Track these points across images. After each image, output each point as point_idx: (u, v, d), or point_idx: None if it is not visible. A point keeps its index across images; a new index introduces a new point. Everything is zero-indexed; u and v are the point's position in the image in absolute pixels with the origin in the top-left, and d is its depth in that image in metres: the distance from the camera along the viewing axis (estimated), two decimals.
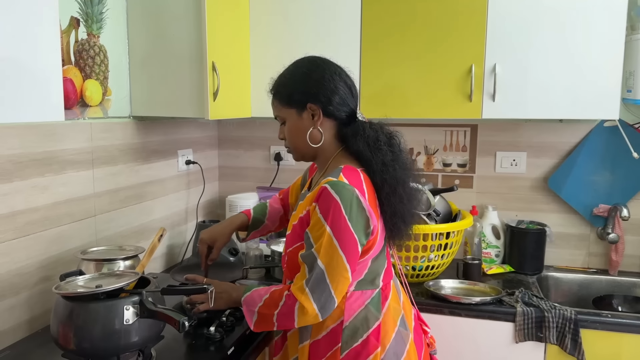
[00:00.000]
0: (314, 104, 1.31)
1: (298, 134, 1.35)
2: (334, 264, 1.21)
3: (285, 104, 1.35)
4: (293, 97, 1.33)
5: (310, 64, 1.36)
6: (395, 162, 1.30)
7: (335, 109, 1.32)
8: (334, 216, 1.20)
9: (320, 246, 1.21)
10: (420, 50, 2.05)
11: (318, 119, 1.32)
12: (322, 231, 1.21)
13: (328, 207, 1.20)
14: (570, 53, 1.93)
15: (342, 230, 1.20)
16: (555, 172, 2.31)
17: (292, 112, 1.34)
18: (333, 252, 1.20)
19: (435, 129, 2.43)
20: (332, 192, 1.20)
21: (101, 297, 1.23)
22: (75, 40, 1.66)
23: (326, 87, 1.30)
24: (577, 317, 1.77)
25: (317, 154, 1.37)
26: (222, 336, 1.45)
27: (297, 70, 1.36)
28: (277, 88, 1.39)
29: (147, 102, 1.94)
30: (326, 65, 1.35)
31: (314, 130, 1.33)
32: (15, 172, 1.46)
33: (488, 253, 2.31)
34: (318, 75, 1.32)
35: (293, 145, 1.39)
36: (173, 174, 2.28)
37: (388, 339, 1.30)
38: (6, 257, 1.45)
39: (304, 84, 1.32)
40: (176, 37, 1.85)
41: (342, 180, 1.23)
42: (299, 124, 1.34)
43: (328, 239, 1.20)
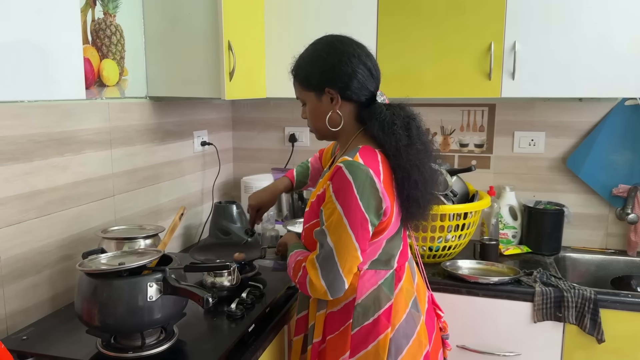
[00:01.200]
0: (332, 89, 1.30)
1: (318, 116, 1.35)
2: (342, 243, 1.21)
3: (305, 87, 1.35)
4: (311, 81, 1.33)
5: (328, 46, 1.33)
6: (410, 146, 1.27)
7: (353, 93, 1.30)
8: (345, 195, 1.21)
9: (331, 224, 1.23)
10: (439, 29, 2.02)
11: (337, 103, 1.31)
12: (332, 209, 1.22)
13: (340, 186, 1.21)
14: (592, 30, 1.89)
15: (352, 209, 1.20)
16: (574, 152, 2.28)
17: (311, 95, 1.34)
18: (342, 231, 1.21)
19: (452, 109, 2.40)
20: (346, 171, 1.21)
21: (124, 274, 1.24)
22: (92, 19, 1.65)
23: (344, 72, 1.29)
24: (597, 297, 1.76)
25: (338, 135, 1.38)
26: (242, 313, 1.45)
27: (315, 53, 1.34)
28: (296, 70, 1.38)
29: (163, 82, 1.93)
30: (345, 47, 1.31)
31: (333, 114, 1.33)
32: (36, 151, 1.47)
33: (505, 234, 2.30)
34: (336, 59, 1.30)
35: (314, 127, 1.40)
36: (189, 155, 2.28)
37: (398, 320, 1.31)
38: (28, 235, 1.46)
39: (322, 69, 1.31)
40: (192, 16, 1.84)
41: (357, 160, 1.22)
42: (318, 107, 1.34)
43: (338, 217, 1.21)
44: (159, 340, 1.29)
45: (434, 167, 1.36)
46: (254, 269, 1.79)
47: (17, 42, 1.37)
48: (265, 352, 1.43)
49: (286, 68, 1.42)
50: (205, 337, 1.38)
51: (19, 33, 1.37)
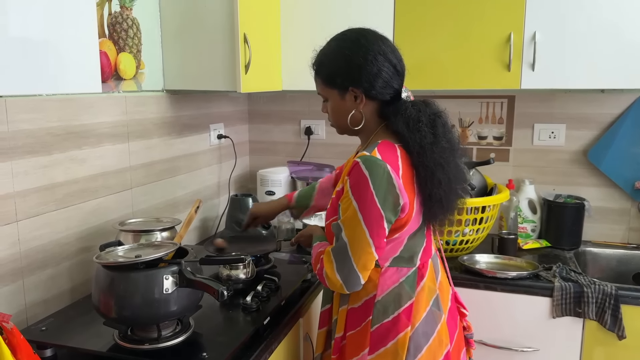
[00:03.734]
0: (357, 88, 1.27)
1: (340, 114, 1.33)
2: (356, 238, 1.20)
3: (327, 84, 1.32)
4: (335, 79, 1.30)
5: (352, 43, 1.28)
6: (435, 144, 1.24)
7: (378, 92, 1.27)
8: (361, 191, 1.19)
9: (346, 219, 1.22)
10: (457, 19, 1.98)
11: (361, 102, 1.28)
12: (348, 204, 1.21)
13: (357, 181, 1.20)
14: (614, 19, 1.84)
15: (367, 205, 1.19)
16: (595, 145, 2.23)
17: (334, 93, 1.31)
18: (356, 226, 1.20)
19: (470, 101, 2.37)
20: (363, 167, 1.19)
21: (141, 266, 1.25)
22: (108, 13, 1.65)
23: (369, 71, 1.25)
24: (618, 293, 1.73)
25: (360, 131, 1.35)
26: (258, 306, 1.46)
27: (339, 50, 1.29)
28: (318, 66, 1.34)
29: (179, 75, 1.93)
30: (370, 44, 1.26)
31: (356, 113, 1.30)
32: (55, 144, 1.48)
33: (524, 228, 2.26)
34: (361, 57, 1.25)
35: (335, 123, 1.38)
36: (205, 148, 2.29)
37: (418, 318, 1.28)
38: (48, 228, 1.48)
39: (346, 67, 1.27)
40: (207, 9, 1.83)
41: (375, 155, 1.20)
42: (341, 105, 1.31)
43: (353, 212, 1.20)
44: (175, 332, 1.30)
45: (460, 165, 1.32)
46: (270, 262, 1.80)
47: (34, 36, 1.38)
48: (280, 345, 1.44)
49: (302, 60, 1.41)
50: (221, 330, 1.38)
51: (36, 28, 1.38)
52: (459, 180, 1.32)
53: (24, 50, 1.36)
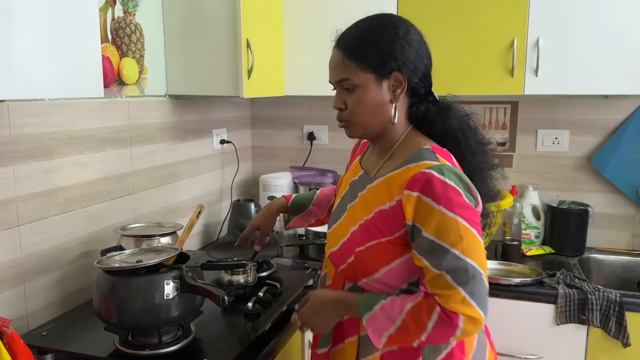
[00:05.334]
0: (402, 73, 1.07)
1: (372, 107, 1.09)
2: (480, 255, 0.98)
3: (365, 67, 1.06)
4: (378, 60, 1.06)
5: (400, 23, 1.09)
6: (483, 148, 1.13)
7: (419, 82, 1.10)
8: (459, 202, 0.97)
9: (462, 243, 0.96)
10: (460, 24, 1.98)
11: (401, 92, 1.08)
12: (456, 226, 0.96)
13: (445, 193, 0.97)
14: (618, 25, 1.84)
15: (471, 215, 0.99)
16: (599, 151, 2.22)
17: (369, 79, 1.07)
18: (476, 243, 0.98)
19: (473, 106, 2.30)
20: (441, 176, 0.98)
21: (142, 271, 1.24)
22: (111, 18, 1.66)
23: (417, 55, 1.08)
24: (622, 300, 1.71)
25: (382, 134, 1.13)
26: (259, 312, 1.45)
27: (387, 27, 1.08)
28: (354, 43, 1.09)
29: (182, 80, 1.94)
30: (414, 28, 1.11)
31: (391, 106, 1.09)
32: (57, 149, 1.48)
33: (528, 234, 2.25)
34: (410, 37, 1.07)
35: (359, 119, 1.11)
36: (208, 153, 2.29)
37: (471, 347, 1.11)
38: (49, 232, 1.47)
39: (395, 47, 1.06)
40: (210, 15, 1.84)
41: (445, 163, 1.02)
42: (376, 94, 1.08)
43: (465, 230, 0.97)
44: (175, 338, 1.30)
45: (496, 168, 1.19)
46: (271, 268, 1.79)
47: (37, 41, 1.38)
48: (282, 351, 1.43)
49: (305, 66, 1.39)
50: (222, 336, 1.37)
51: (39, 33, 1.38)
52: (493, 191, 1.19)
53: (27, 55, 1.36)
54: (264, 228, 1.55)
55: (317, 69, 2.16)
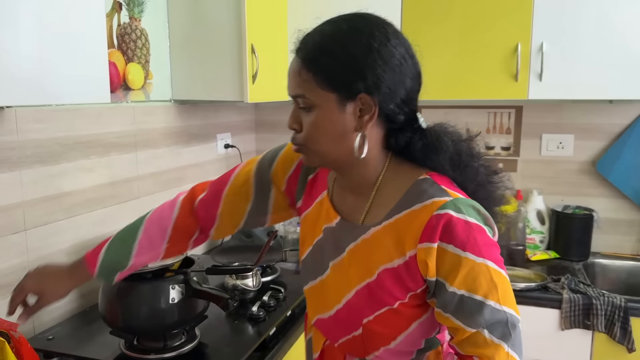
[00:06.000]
0: (371, 96, 0.83)
1: (331, 134, 0.86)
2: (513, 298, 0.85)
3: (324, 84, 0.84)
4: (342, 77, 0.83)
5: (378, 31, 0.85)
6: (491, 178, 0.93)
7: (397, 108, 0.85)
8: (486, 243, 0.82)
9: (497, 291, 0.82)
10: (464, 29, 1.99)
11: (370, 119, 0.85)
12: (487, 273, 0.81)
13: (470, 237, 0.81)
14: (623, 29, 1.84)
15: (496, 254, 0.84)
16: (604, 155, 2.22)
17: (330, 99, 0.84)
18: (507, 285, 0.84)
19: (478, 111, 2.37)
20: (462, 215, 0.81)
21: (147, 276, 1.25)
22: (117, 24, 1.67)
23: (396, 74, 0.84)
24: (627, 305, 1.71)
25: (350, 166, 0.91)
26: (264, 316, 1.45)
27: (359, 35, 0.84)
28: (314, 52, 0.86)
29: (187, 85, 1.95)
30: (398, 37, 0.86)
31: (357, 135, 0.86)
32: (62, 154, 1.49)
33: (532, 239, 2.25)
34: (388, 51, 0.83)
35: (315, 147, 0.88)
36: (212, 157, 2.30)
37: None
38: (55, 237, 1.48)
39: (366, 62, 0.82)
40: (216, 20, 1.85)
41: (457, 196, 0.84)
42: (336, 119, 0.85)
43: (497, 275, 0.82)
44: (180, 342, 1.30)
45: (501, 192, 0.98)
46: (276, 272, 1.79)
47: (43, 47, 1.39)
48: (287, 356, 1.43)
49: None
50: (227, 340, 1.38)
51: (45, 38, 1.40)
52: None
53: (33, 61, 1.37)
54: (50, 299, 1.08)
55: None
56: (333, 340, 0.98)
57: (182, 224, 1.13)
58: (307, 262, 1.02)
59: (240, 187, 1.10)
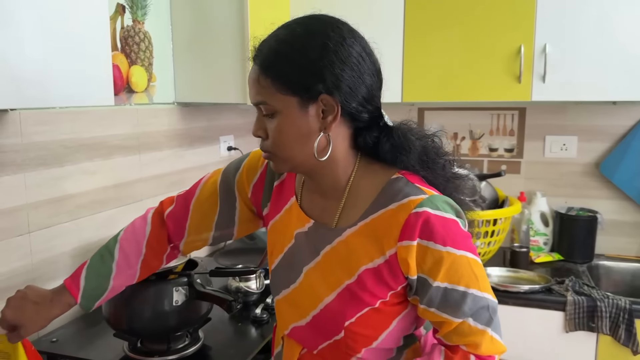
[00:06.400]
0: (332, 97, 0.84)
1: (297, 137, 0.87)
2: (488, 283, 0.89)
3: (283, 88, 0.85)
4: (300, 80, 0.84)
5: (332, 31, 0.85)
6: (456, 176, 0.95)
7: (359, 106, 0.86)
8: (462, 235, 0.85)
9: (477, 280, 0.85)
10: (467, 31, 1.99)
11: (333, 119, 0.85)
12: (467, 264, 0.84)
13: (448, 232, 0.83)
14: (626, 30, 1.84)
15: (471, 242, 0.87)
16: (607, 157, 2.21)
17: (291, 103, 0.85)
18: (483, 272, 0.88)
19: (481, 113, 2.36)
20: (439, 212, 0.83)
21: (151, 278, 1.25)
22: (121, 26, 1.67)
23: (355, 73, 0.84)
24: (632, 307, 1.70)
25: (320, 169, 0.91)
26: (268, 318, 1.45)
27: (313, 37, 0.85)
28: (270, 57, 0.86)
29: (190, 88, 1.95)
30: (354, 36, 0.87)
31: (323, 137, 0.87)
32: (67, 156, 1.49)
33: (536, 241, 2.24)
34: (344, 50, 0.84)
35: (283, 153, 0.89)
36: (215, 160, 2.30)
37: None
38: (59, 239, 1.48)
39: (323, 63, 0.83)
40: (219, 23, 1.85)
41: (431, 193, 0.86)
42: (300, 122, 0.86)
43: (475, 264, 0.85)
44: (184, 345, 1.30)
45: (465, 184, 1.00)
46: None
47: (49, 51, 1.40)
48: None
49: None
50: (231, 342, 1.38)
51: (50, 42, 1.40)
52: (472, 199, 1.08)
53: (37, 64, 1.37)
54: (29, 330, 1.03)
55: None
56: (312, 347, 0.96)
57: (155, 238, 1.12)
58: (278, 271, 1.00)
59: (207, 198, 1.10)
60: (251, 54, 0.90)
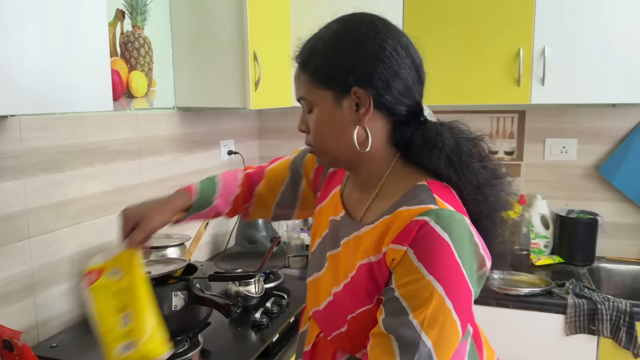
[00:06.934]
0: (364, 89, 0.85)
1: (332, 130, 0.90)
2: (445, 336, 0.78)
3: (319, 83, 0.89)
4: (333, 75, 0.87)
5: (364, 26, 0.87)
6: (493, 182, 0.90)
7: (394, 99, 0.86)
8: (445, 264, 0.78)
9: (427, 315, 0.77)
10: (466, 34, 1.99)
11: (366, 112, 0.87)
12: (428, 291, 0.78)
13: (432, 251, 0.79)
14: (624, 33, 1.84)
15: (456, 282, 0.79)
16: (607, 159, 2.21)
17: (326, 97, 0.89)
18: (445, 318, 0.78)
19: (481, 115, 2.36)
20: (438, 227, 0.79)
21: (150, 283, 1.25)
22: (120, 32, 1.68)
23: (387, 66, 0.85)
24: (633, 310, 1.70)
25: (358, 163, 0.93)
26: (267, 323, 1.45)
27: (346, 33, 0.88)
28: (308, 56, 0.91)
29: (190, 93, 1.96)
30: (389, 29, 0.88)
31: (360, 130, 0.88)
32: (67, 162, 1.50)
33: (537, 243, 2.24)
34: (376, 44, 0.85)
35: (322, 145, 0.93)
36: (216, 164, 2.30)
37: None
38: (59, 244, 1.49)
39: (353, 57, 0.86)
40: (218, 28, 1.86)
41: (444, 206, 0.82)
42: (334, 115, 0.89)
43: (438, 301, 0.78)
44: (184, 349, 1.30)
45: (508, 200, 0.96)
46: (279, 278, 1.79)
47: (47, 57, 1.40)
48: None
49: None
50: (230, 347, 1.38)
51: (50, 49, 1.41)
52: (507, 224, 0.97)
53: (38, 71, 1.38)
54: (154, 224, 1.06)
55: None
56: (327, 333, 0.98)
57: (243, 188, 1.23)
58: (314, 254, 1.04)
59: (279, 170, 1.22)
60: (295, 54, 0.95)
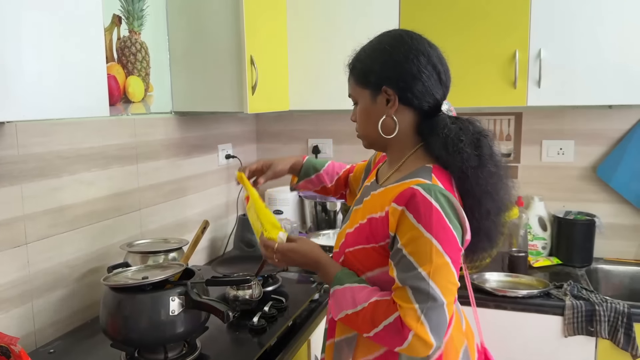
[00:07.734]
0: (391, 88, 1.11)
1: (369, 119, 1.16)
2: (445, 283, 1.00)
3: (360, 83, 1.17)
4: (369, 77, 1.14)
5: (394, 39, 1.14)
6: (481, 169, 1.07)
7: (415, 97, 1.10)
8: (438, 223, 0.99)
9: (431, 265, 0.99)
10: (462, 37, 2.00)
11: (393, 105, 1.12)
12: (427, 245, 0.99)
13: (427, 213, 1.00)
14: (621, 34, 1.85)
15: (449, 239, 1.00)
16: (604, 161, 2.22)
17: (365, 94, 1.16)
18: (446, 270, 1.00)
19: (478, 118, 2.36)
20: (427, 195, 1.00)
21: (147, 288, 1.25)
22: (117, 37, 1.69)
23: (408, 71, 1.10)
24: (631, 311, 1.70)
25: (389, 145, 1.18)
26: (265, 327, 1.45)
27: (380, 45, 1.15)
28: (354, 63, 1.20)
29: (187, 97, 1.96)
30: (414, 42, 1.12)
31: (387, 119, 1.13)
32: (64, 167, 1.50)
33: (534, 245, 2.24)
34: (401, 54, 1.11)
35: (363, 131, 1.20)
36: (213, 168, 2.31)
37: None
38: (56, 250, 1.49)
39: (383, 63, 1.12)
40: (215, 32, 1.87)
41: (436, 184, 1.04)
42: (371, 108, 1.15)
43: (437, 253, 0.99)
44: (181, 354, 1.30)
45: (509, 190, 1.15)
46: (277, 282, 1.79)
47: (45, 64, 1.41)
48: None
49: (309, 80, 1.41)
50: (228, 351, 1.38)
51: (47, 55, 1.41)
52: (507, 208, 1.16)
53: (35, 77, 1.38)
54: (276, 169, 1.52)
55: (322, 83, 2.18)
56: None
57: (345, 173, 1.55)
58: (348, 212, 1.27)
59: (363, 165, 1.49)
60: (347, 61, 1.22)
